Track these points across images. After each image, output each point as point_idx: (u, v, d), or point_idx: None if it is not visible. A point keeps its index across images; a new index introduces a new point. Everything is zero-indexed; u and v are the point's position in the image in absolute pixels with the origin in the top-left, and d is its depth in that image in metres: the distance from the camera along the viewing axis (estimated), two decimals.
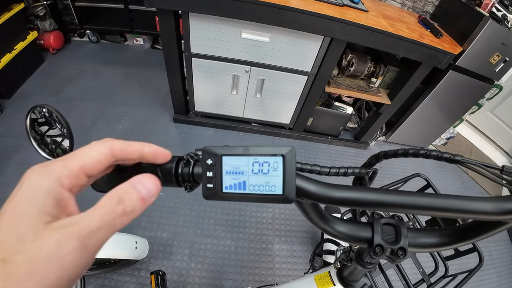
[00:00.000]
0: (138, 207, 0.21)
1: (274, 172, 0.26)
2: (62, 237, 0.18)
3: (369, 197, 0.28)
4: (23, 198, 0.19)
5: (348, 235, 0.36)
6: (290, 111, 2.01)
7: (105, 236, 0.20)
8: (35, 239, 0.18)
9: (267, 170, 0.26)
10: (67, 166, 0.21)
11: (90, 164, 0.22)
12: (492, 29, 1.66)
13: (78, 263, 0.18)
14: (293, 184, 0.26)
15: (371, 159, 0.40)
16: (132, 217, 0.21)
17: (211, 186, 0.27)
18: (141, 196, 0.22)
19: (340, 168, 0.35)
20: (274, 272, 1.51)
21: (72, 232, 0.18)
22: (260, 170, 0.26)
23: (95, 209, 0.20)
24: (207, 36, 1.53)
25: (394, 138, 2.41)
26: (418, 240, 0.35)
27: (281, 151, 0.26)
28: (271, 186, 0.27)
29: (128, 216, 0.21)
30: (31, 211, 0.19)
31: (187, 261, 1.46)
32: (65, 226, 0.19)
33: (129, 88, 2.34)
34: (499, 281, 1.80)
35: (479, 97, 2.15)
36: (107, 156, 0.23)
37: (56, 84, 2.23)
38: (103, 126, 2.00)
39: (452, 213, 0.27)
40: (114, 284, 1.33)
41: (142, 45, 2.83)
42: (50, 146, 0.54)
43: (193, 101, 1.94)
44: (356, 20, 1.44)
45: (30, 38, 2.16)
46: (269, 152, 0.26)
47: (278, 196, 0.27)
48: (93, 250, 0.19)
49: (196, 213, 1.65)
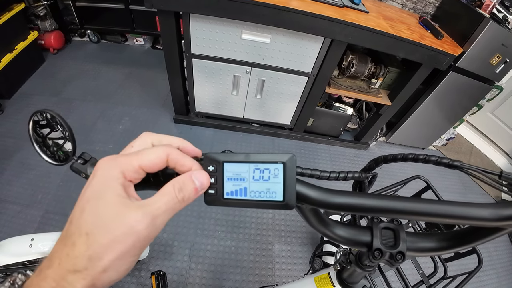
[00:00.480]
0: (192, 196, 0.26)
1: (274, 179, 0.27)
2: (139, 215, 0.23)
3: (369, 203, 0.28)
4: (99, 184, 0.24)
5: (347, 239, 0.36)
6: (291, 112, 2.01)
7: (168, 217, 0.25)
8: (116, 216, 0.22)
9: (268, 177, 0.27)
10: (130, 162, 0.25)
11: (148, 164, 0.25)
12: (493, 30, 1.66)
13: (148, 236, 0.23)
14: (293, 191, 0.27)
15: (371, 163, 0.41)
16: (186, 203, 0.26)
17: (212, 192, 0.28)
18: (195, 187, 0.26)
19: (340, 173, 0.35)
20: (274, 272, 1.51)
21: (147, 212, 0.23)
22: (261, 177, 0.27)
23: (162, 195, 0.25)
24: (208, 37, 1.53)
25: (394, 139, 2.41)
26: (417, 244, 0.35)
27: (281, 159, 0.27)
28: (271, 192, 0.27)
29: (184, 202, 0.26)
30: (108, 194, 0.23)
31: (188, 261, 1.46)
32: (143, 206, 0.23)
33: (130, 88, 2.34)
34: (499, 282, 1.80)
35: (480, 98, 2.15)
36: (163, 161, 0.26)
37: (57, 84, 2.24)
38: (103, 126, 2.01)
39: (451, 219, 0.28)
40: (115, 284, 1.32)
41: (142, 45, 2.83)
42: (51, 148, 0.54)
43: (193, 102, 1.94)
44: (356, 21, 1.44)
45: (31, 38, 2.17)
46: (270, 159, 0.27)
47: (279, 202, 0.27)
48: (159, 228, 0.24)
49: (197, 213, 1.65)
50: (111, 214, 0.22)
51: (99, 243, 0.22)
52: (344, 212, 0.34)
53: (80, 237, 0.22)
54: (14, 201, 1.54)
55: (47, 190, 1.61)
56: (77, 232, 0.22)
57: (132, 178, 0.25)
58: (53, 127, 0.55)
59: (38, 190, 1.60)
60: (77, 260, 0.22)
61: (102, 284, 0.22)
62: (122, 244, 0.22)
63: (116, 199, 0.23)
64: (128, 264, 0.23)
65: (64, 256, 0.22)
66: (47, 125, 0.57)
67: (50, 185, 1.63)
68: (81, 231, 0.22)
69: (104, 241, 0.22)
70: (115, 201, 0.23)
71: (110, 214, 0.22)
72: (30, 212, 1.51)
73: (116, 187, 0.23)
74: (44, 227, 1.46)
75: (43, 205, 1.55)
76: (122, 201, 0.23)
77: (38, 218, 1.50)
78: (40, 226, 1.46)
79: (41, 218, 1.50)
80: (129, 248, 0.22)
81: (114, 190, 0.23)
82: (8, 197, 1.55)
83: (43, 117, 0.54)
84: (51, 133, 0.56)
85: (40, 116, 0.52)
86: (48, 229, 1.45)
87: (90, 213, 0.23)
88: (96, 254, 0.22)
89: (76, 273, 0.21)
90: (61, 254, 0.22)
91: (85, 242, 0.22)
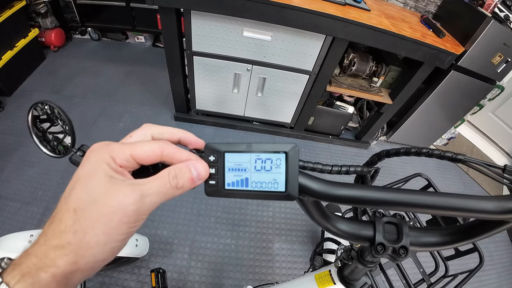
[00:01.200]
0: (187, 185, 0.26)
1: (276, 169, 0.26)
2: (128, 190, 0.23)
3: (373, 195, 0.27)
4: (90, 165, 0.24)
5: (349, 233, 0.36)
6: (291, 110, 2.01)
7: (159, 200, 0.25)
8: (105, 192, 0.23)
9: (269, 167, 0.26)
10: (122, 150, 0.25)
11: (140, 155, 0.25)
12: (495, 30, 1.65)
13: (136, 213, 0.23)
14: (295, 181, 0.26)
15: (373, 158, 0.40)
16: (181, 191, 0.26)
17: (213, 183, 0.27)
18: (191, 177, 0.26)
19: (342, 167, 0.35)
20: (274, 271, 1.51)
21: (136, 189, 0.23)
22: (262, 167, 0.26)
23: (156, 178, 0.25)
24: (209, 34, 1.53)
25: (395, 138, 2.40)
26: (420, 239, 0.35)
27: (284, 148, 0.26)
28: (273, 183, 0.26)
29: (178, 190, 0.26)
30: (100, 173, 0.23)
31: (187, 259, 1.46)
32: (133, 184, 0.24)
33: (130, 86, 2.34)
34: (499, 281, 1.80)
35: (481, 98, 2.14)
36: (156, 155, 0.26)
37: (57, 82, 2.24)
38: (104, 124, 2.01)
39: (455, 211, 0.27)
40: (114, 281, 1.33)
41: (143, 43, 2.83)
42: (52, 143, 0.54)
43: (194, 100, 1.93)
44: (358, 19, 1.43)
45: (32, 35, 2.16)
46: (272, 149, 0.26)
47: (281, 193, 0.27)
48: (148, 207, 0.24)
49: (197, 211, 1.65)
50: (100, 191, 0.23)
51: (86, 217, 0.22)
52: (347, 205, 0.34)
53: (67, 212, 0.22)
54: (14, 198, 1.54)
55: (47, 187, 1.61)
56: (65, 208, 0.22)
57: (124, 166, 0.25)
58: (53, 121, 0.55)
59: (38, 187, 1.60)
60: (62, 235, 0.21)
61: (86, 263, 0.22)
62: (108, 218, 0.22)
63: (105, 178, 0.23)
64: (115, 243, 0.23)
65: (50, 232, 0.22)
66: (47, 119, 0.57)
67: (50, 182, 1.63)
68: (69, 207, 0.22)
69: (91, 216, 0.22)
70: (104, 180, 0.23)
71: (99, 191, 0.23)
72: (30, 209, 1.51)
73: (107, 168, 0.24)
74: (44, 224, 1.46)
75: (43, 202, 1.55)
76: (112, 180, 0.23)
77: (38, 215, 1.50)
78: (40, 223, 1.46)
79: (41, 215, 1.50)
80: (116, 223, 0.22)
81: (105, 170, 0.24)
82: (8, 194, 1.55)
83: (43, 111, 0.54)
84: (51, 128, 0.56)
85: (40, 108, 0.52)
86: None
87: (79, 191, 0.23)
88: (82, 228, 0.21)
89: (59, 249, 0.21)
90: (47, 231, 0.22)
91: (72, 217, 0.22)
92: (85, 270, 0.22)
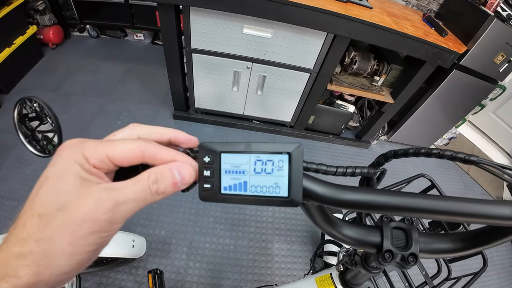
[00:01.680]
0: (169, 190, 0.23)
1: (278, 171, 0.24)
2: (102, 196, 0.20)
3: (384, 200, 0.25)
4: (62, 163, 0.21)
5: (356, 239, 0.34)
6: (292, 109, 1.99)
7: (136, 207, 0.22)
8: (74, 196, 0.20)
9: (271, 169, 0.24)
10: (97, 149, 0.22)
11: (117, 156, 0.22)
12: (497, 29, 1.63)
13: (107, 222, 0.20)
14: (299, 185, 0.24)
15: (380, 159, 0.38)
16: (162, 197, 0.23)
17: (208, 187, 0.25)
18: (174, 181, 0.23)
19: (347, 168, 0.32)
20: (274, 272, 1.49)
21: (111, 196, 0.21)
22: (263, 170, 0.24)
23: (134, 183, 0.22)
24: (208, 31, 1.51)
25: (396, 138, 2.38)
26: (430, 245, 0.33)
27: (287, 149, 0.24)
28: (275, 187, 0.24)
29: (158, 195, 0.23)
30: (70, 174, 0.21)
31: (186, 259, 1.44)
32: (108, 189, 0.21)
33: (129, 84, 2.31)
34: (499, 283, 1.78)
35: (483, 98, 2.12)
36: (136, 156, 0.23)
37: (55, 79, 2.21)
38: (102, 122, 1.98)
39: (471, 218, 0.25)
40: (112, 282, 1.31)
41: (142, 40, 2.80)
42: (41, 142, 0.51)
43: (193, 98, 1.91)
44: (360, 16, 1.41)
45: (30, 32, 2.13)
46: (273, 150, 0.24)
47: (283, 198, 0.24)
48: (122, 216, 0.21)
49: (195, 211, 1.63)
50: (69, 195, 0.20)
51: (51, 224, 0.19)
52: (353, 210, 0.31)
53: (32, 218, 0.20)
54: (11, 197, 1.52)
55: None
56: (30, 212, 0.20)
57: (98, 167, 0.22)
58: (42, 120, 0.53)
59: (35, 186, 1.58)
60: (24, 242, 0.19)
61: (50, 274, 0.19)
62: (77, 227, 0.20)
63: (77, 180, 0.21)
64: (82, 255, 0.20)
65: (13, 238, 0.20)
66: (36, 117, 0.55)
67: None
68: (34, 211, 0.20)
69: (57, 223, 0.19)
70: (75, 182, 0.21)
71: (68, 195, 0.20)
72: None
73: (78, 169, 0.21)
74: None
75: None
76: (84, 182, 0.21)
77: None
78: None
79: None
80: (84, 233, 0.20)
81: (76, 171, 0.21)
82: (5, 193, 1.53)
83: (32, 109, 0.52)
84: (40, 126, 0.54)
85: (29, 106, 0.49)
86: None
87: (46, 192, 0.20)
88: (46, 237, 0.19)
89: (20, 258, 0.19)
90: (10, 236, 0.20)
91: (36, 224, 0.20)
92: (50, 283, 0.20)
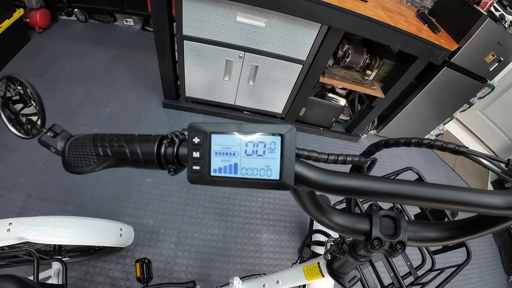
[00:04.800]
0: None
1: (270, 154, 0.23)
2: None
3: (377, 186, 0.25)
4: None
5: (345, 227, 0.34)
6: (283, 100, 1.98)
7: None
8: None
9: (262, 151, 0.23)
10: None
11: None
12: (489, 28, 1.65)
13: None
14: (292, 168, 0.23)
15: (371, 148, 0.38)
16: None
17: (197, 169, 0.24)
18: None
19: (339, 156, 0.32)
20: (262, 261, 1.51)
21: None
22: (254, 152, 0.23)
23: None
24: (201, 18, 1.47)
25: (385, 132, 2.41)
26: (418, 234, 0.33)
27: (279, 130, 0.23)
28: (266, 170, 0.23)
29: None
30: None
31: (174, 249, 1.44)
32: None
33: (118, 71, 2.25)
34: (481, 276, 1.84)
35: (471, 96, 2.16)
36: None
37: (42, 64, 2.13)
38: (89, 109, 1.93)
39: (461, 206, 0.25)
40: (99, 271, 1.30)
41: (132, 26, 2.72)
42: (25, 126, 0.50)
43: (183, 86, 1.88)
44: (355, 9, 1.40)
45: (16, 16, 2.04)
46: (266, 131, 0.23)
47: (274, 181, 0.24)
48: None
49: (184, 200, 1.62)
50: None
51: None
52: (345, 196, 0.31)
53: None
54: None
55: (29, 174, 1.54)
56: None
57: None
58: (26, 102, 0.51)
59: (20, 174, 1.53)
60: None
61: None
62: None
63: None
64: None
65: None
66: (20, 100, 0.53)
67: (32, 168, 1.56)
68: None
69: None
70: None
71: None
72: (11, 196, 1.45)
73: None
74: (26, 211, 1.40)
75: (25, 189, 1.48)
76: None
77: (20, 202, 1.43)
78: (22, 211, 1.40)
79: (23, 203, 1.43)
80: None
81: None
82: None
83: (15, 91, 0.50)
84: (24, 109, 0.52)
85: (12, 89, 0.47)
86: (30, 213, 1.40)
87: None
88: None
89: None
90: None
91: None
92: None
